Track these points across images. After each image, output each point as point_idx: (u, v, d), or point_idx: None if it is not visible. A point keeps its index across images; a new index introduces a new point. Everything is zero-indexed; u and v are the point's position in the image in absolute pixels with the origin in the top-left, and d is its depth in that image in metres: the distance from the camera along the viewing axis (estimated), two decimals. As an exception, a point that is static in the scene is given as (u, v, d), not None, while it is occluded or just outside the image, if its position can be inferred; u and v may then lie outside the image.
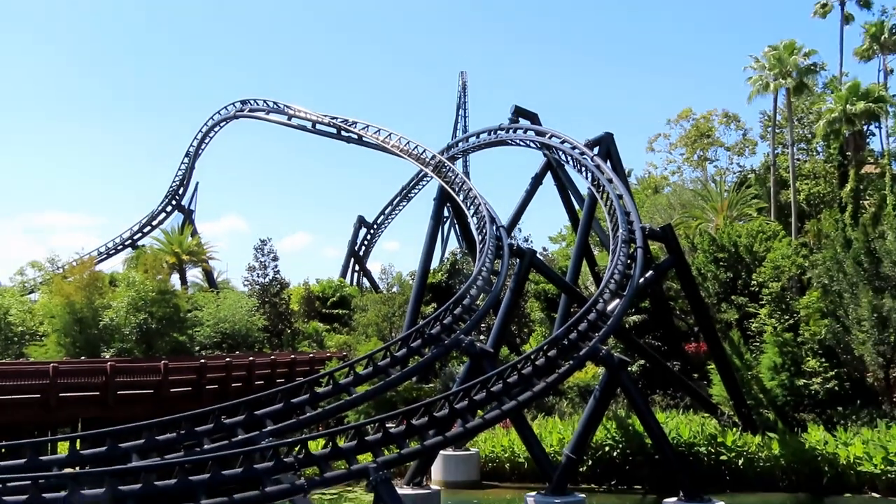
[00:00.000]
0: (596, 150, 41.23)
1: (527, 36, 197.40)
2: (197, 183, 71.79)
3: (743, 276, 43.29)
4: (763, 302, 41.01)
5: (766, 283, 41.22)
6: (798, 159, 61.17)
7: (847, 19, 58.39)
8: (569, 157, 42.02)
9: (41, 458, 23.08)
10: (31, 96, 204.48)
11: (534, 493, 29.56)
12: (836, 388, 36.98)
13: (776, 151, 61.42)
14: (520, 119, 47.36)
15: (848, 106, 49.98)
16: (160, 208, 71.21)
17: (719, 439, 34.82)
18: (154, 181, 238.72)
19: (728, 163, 75.49)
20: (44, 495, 19.41)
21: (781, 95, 56.55)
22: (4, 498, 19.57)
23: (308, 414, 27.08)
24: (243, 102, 65.07)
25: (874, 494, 32.77)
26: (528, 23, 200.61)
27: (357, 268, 79.55)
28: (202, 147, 70.56)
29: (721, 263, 43.99)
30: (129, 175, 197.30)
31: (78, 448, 24.09)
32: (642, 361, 39.69)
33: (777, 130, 61.34)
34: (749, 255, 43.82)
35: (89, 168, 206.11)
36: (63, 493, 19.63)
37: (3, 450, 25.37)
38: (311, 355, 46.49)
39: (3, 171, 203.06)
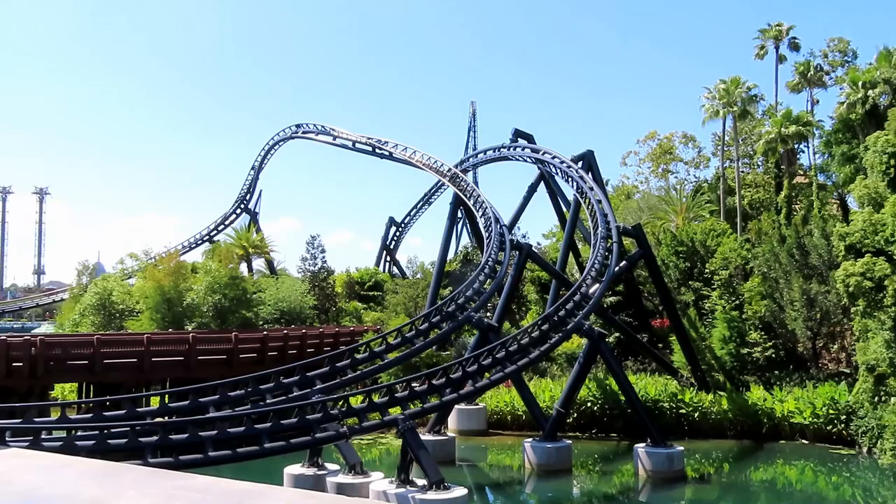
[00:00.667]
0: (580, 164, 41.07)
1: (526, 70, 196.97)
2: (261, 190, 71.77)
3: (698, 266, 43.06)
4: (714, 286, 40.77)
5: (717, 271, 40.99)
6: (742, 171, 60.76)
7: (781, 59, 58.15)
8: (558, 170, 41.87)
9: (137, 409, 23.20)
10: (132, 119, 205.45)
11: (530, 440, 29.54)
12: (773, 355, 36.76)
13: (725, 165, 61.14)
14: (518, 139, 47.20)
15: (782, 129, 49.78)
16: (231, 211, 71.23)
17: (679, 397, 34.69)
18: (226, 189, 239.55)
19: (686, 174, 74.97)
20: (140, 439, 19.51)
21: (729, 120, 56.31)
22: (109, 441, 19.64)
23: (349, 375, 27.12)
24: (297, 126, 65.00)
25: (803, 441, 32.66)
26: (527, 60, 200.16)
27: (388, 258, 79.36)
28: (265, 161, 70.49)
29: (680, 255, 43.75)
30: (207, 184, 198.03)
31: (166, 402, 24.22)
32: (617, 334, 39.51)
33: (725, 148, 61.01)
34: (703, 249, 43.57)
35: (178, 178, 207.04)
36: (155, 438, 19.72)
37: (108, 403, 25.52)
38: (352, 328, 46.48)
39: (112, 181, 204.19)
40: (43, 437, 19.74)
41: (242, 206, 70.94)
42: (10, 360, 30.36)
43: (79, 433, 20.63)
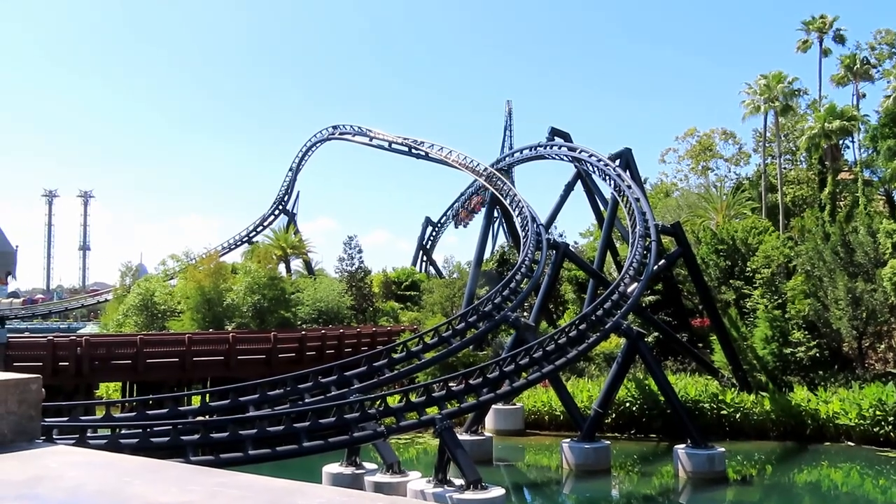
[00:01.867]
0: (617, 162, 40.78)
1: (561, 69, 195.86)
2: (298, 192, 72.28)
3: (739, 264, 42.45)
4: (756, 285, 40.18)
5: (759, 270, 40.39)
6: (784, 168, 59.72)
7: (825, 52, 56.99)
8: (595, 168, 41.62)
9: (179, 408, 23.57)
10: (174, 122, 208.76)
11: (568, 440, 29.40)
12: (817, 355, 36.10)
13: (766, 162, 60.14)
14: (555, 137, 46.98)
15: (826, 124, 48.82)
16: (270, 212, 71.87)
17: (720, 397, 34.23)
18: (265, 191, 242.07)
19: (726, 171, 73.94)
20: (181, 437, 19.82)
21: (770, 116, 55.41)
22: (152, 439, 20.01)
23: (386, 375, 27.24)
24: (334, 127, 65.38)
25: (849, 443, 31.98)
26: (563, 59, 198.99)
27: (425, 258, 79.45)
28: (303, 163, 71.01)
29: (721, 254, 43.17)
30: (247, 186, 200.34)
31: (207, 401, 24.57)
32: (656, 333, 39.12)
33: (767, 144, 60.05)
34: (744, 247, 42.95)
35: (219, 180, 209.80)
36: (196, 436, 20.03)
37: (151, 401, 25.96)
38: (389, 328, 46.68)
39: (155, 184, 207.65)
40: (88, 434, 20.18)
41: (281, 207, 71.55)
42: (56, 359, 31.08)
43: (123, 431, 21.05)
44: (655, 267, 33.00)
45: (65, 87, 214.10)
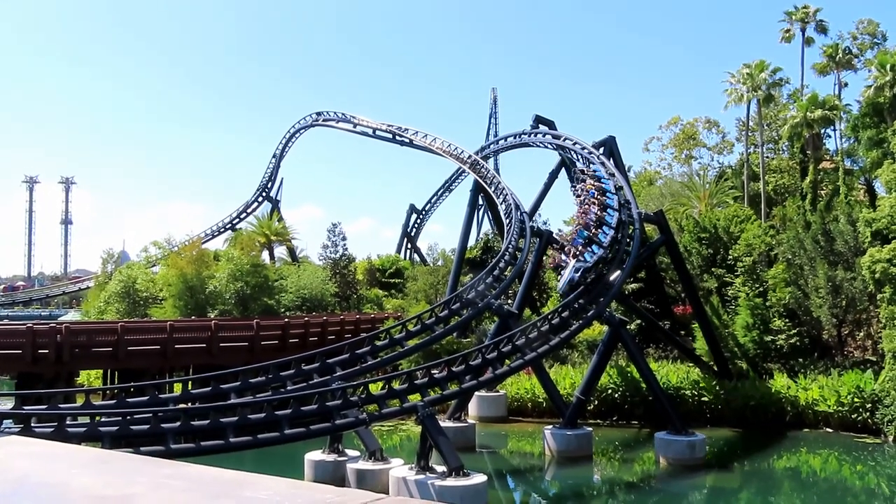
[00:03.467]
0: (601, 149, 40.70)
1: (546, 57, 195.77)
2: (282, 178, 71.95)
3: (721, 252, 42.65)
4: (738, 273, 40.38)
5: (741, 258, 40.59)
6: (767, 157, 59.92)
7: (807, 42, 57.25)
8: (579, 156, 41.52)
9: (160, 395, 23.43)
10: (157, 110, 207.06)
11: (550, 427, 29.51)
12: (798, 343, 36.35)
13: (749, 151, 60.40)
14: (539, 125, 46.81)
15: (808, 113, 49.04)
16: (253, 199, 71.52)
17: (701, 384, 34.42)
18: (249, 177, 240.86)
19: (709, 160, 74.16)
20: (162, 425, 19.71)
21: (753, 105, 55.58)
22: (132, 427, 19.87)
23: (369, 362, 27.22)
24: (318, 113, 65.03)
25: (828, 429, 32.27)
26: (549, 47, 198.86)
27: (409, 245, 79.38)
28: (286, 149, 70.66)
29: (703, 242, 43.35)
30: (230, 172, 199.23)
31: (189, 388, 24.45)
32: (639, 321, 39.26)
33: (749, 133, 60.28)
34: (726, 235, 43.14)
35: (202, 167, 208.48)
36: (177, 424, 19.91)
37: (132, 389, 25.79)
38: (373, 315, 46.63)
39: (137, 171, 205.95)
40: (68, 422, 20.01)
41: (264, 194, 71.23)
42: (36, 346, 30.76)
43: (103, 419, 20.89)
44: (638, 255, 33.06)
45: (46, 73, 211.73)
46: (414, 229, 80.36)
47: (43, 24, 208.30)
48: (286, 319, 39.59)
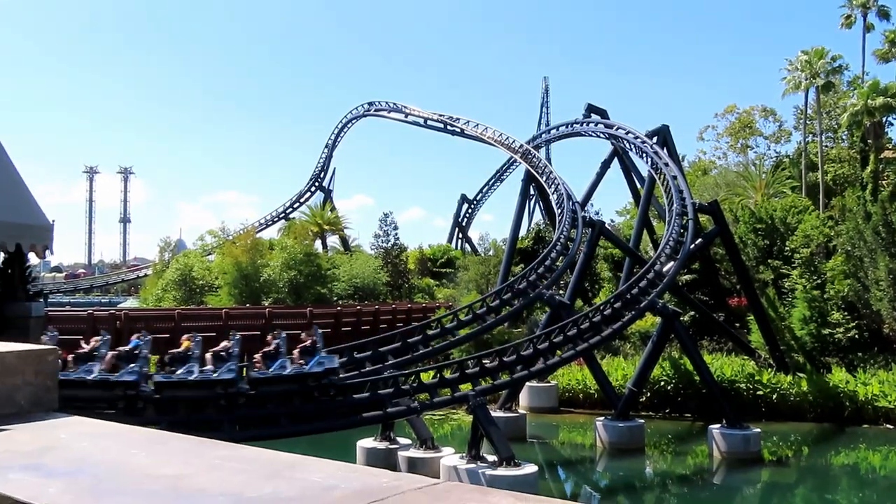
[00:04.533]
0: (655, 139, 40.17)
1: (598, 46, 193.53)
2: (334, 168, 72.46)
3: (778, 244, 41.69)
4: (795, 265, 39.45)
5: (798, 249, 39.64)
6: (825, 146, 58.32)
7: (868, 28, 55.59)
8: (632, 146, 41.08)
9: (216, 381, 23.78)
10: (212, 100, 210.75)
11: (602, 418, 29.27)
12: (857, 336, 35.38)
13: (807, 140, 58.92)
14: (591, 114, 46.37)
15: (869, 101, 47.53)
16: (306, 189, 72.19)
17: (757, 377, 33.76)
18: (301, 167, 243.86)
19: (766, 149, 72.52)
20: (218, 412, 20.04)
21: (812, 92, 54.17)
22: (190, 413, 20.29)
23: (421, 351, 27.29)
24: (370, 104, 65.32)
25: (888, 426, 31.38)
26: (601, 36, 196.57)
27: (460, 235, 79.30)
28: (339, 139, 71.13)
29: (759, 233, 42.42)
30: (282, 163, 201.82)
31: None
32: (692, 313, 38.67)
33: (808, 122, 58.76)
34: (783, 226, 42.15)
35: (257, 157, 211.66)
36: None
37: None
38: (424, 305, 46.78)
39: (195, 161, 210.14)
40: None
41: (317, 183, 71.82)
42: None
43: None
44: (692, 246, 32.53)
45: (104, 64, 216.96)
46: (465, 219, 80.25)
47: (102, 17, 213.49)
48: (339, 308, 39.97)
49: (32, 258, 17.13)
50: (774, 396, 33.15)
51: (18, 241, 15.34)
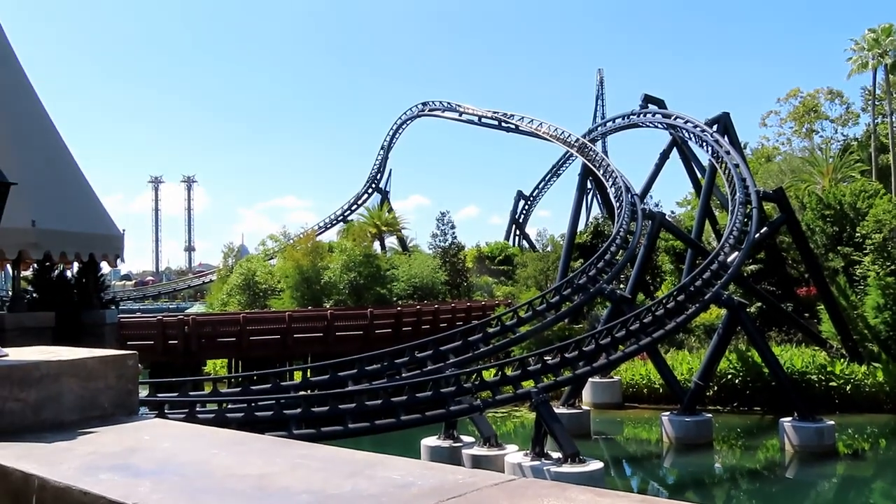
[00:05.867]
0: (715, 127, 39.41)
1: (653, 34, 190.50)
2: (391, 170, 73.04)
3: (847, 230, 40.46)
4: (866, 251, 38.22)
5: (869, 235, 38.39)
6: (896, 127, 56.50)
7: (942, 1, 53.54)
8: (691, 135, 40.42)
9: (282, 383, 24.31)
10: (269, 107, 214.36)
11: (668, 413, 28.86)
12: (935, 323, 34.13)
13: (876, 121, 57.09)
14: (648, 105, 45.75)
15: (942, 78, 45.88)
16: (363, 191, 72.91)
17: (829, 368, 32.83)
18: (358, 170, 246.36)
19: (832, 133, 70.54)
20: (284, 412, 20.44)
21: (880, 72, 52.41)
22: (256, 413, 20.72)
23: (482, 349, 27.35)
24: (424, 104, 65.64)
25: (972, 416, 30.22)
26: (656, 23, 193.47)
27: (517, 232, 79.02)
28: (394, 141, 71.67)
29: (828, 219, 41.25)
30: (339, 166, 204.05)
31: (308, 376, 25.26)
32: (759, 304, 37.82)
33: (877, 103, 56.91)
34: (853, 212, 40.89)
35: (314, 161, 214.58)
36: (298, 410, 20.61)
37: (255, 377, 26.86)
38: (483, 303, 46.75)
39: (253, 167, 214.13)
40: (197, 409, 21.07)
41: (374, 185, 72.48)
42: (166, 337, 32.58)
43: (229, 406, 21.88)
44: (757, 235, 31.87)
45: (162, 76, 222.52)
46: (522, 215, 79.96)
47: (160, 30, 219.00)
48: (398, 308, 40.25)
49: (105, 267, 17.70)
50: (848, 388, 32.20)
51: (92, 251, 15.89)
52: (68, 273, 18.21)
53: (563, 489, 1.78)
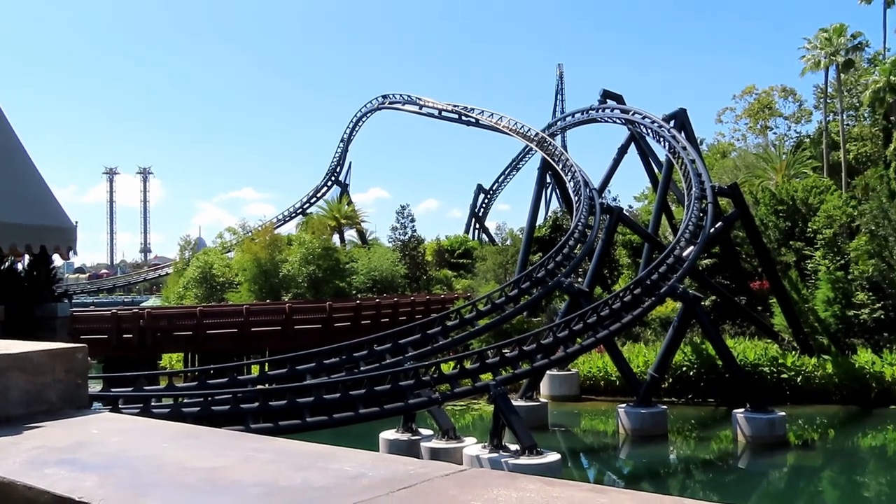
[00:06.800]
0: (672, 123, 39.92)
1: (612, 30, 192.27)
2: (350, 162, 72.56)
3: (800, 225, 41.36)
4: (817, 246, 39.13)
5: (820, 230, 39.30)
6: (847, 125, 57.74)
7: (889, 3, 54.76)
8: (649, 130, 40.86)
9: (239, 377, 24.07)
10: (226, 98, 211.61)
11: (624, 405, 29.24)
12: (882, 317, 35.07)
13: (828, 119, 58.32)
14: (607, 100, 46.15)
15: (891, 77, 46.92)
16: (322, 183, 72.37)
17: (780, 361, 33.56)
18: (317, 162, 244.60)
19: (786, 129, 71.94)
20: (241, 406, 20.26)
21: (832, 71, 53.58)
22: (213, 408, 20.49)
23: (440, 342, 27.36)
24: (384, 97, 65.32)
25: (916, 406, 31.14)
26: (615, 20, 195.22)
27: (477, 225, 79.24)
28: (354, 133, 71.25)
29: (780, 214, 42.10)
30: (298, 159, 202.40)
31: (266, 370, 25.05)
32: (713, 297, 38.48)
33: (828, 101, 58.16)
34: (805, 207, 41.79)
35: (272, 154, 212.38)
36: (255, 404, 20.43)
37: (212, 371, 26.56)
38: (442, 296, 46.83)
39: (209, 160, 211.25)
40: (152, 404, 20.75)
41: (333, 178, 71.99)
42: (121, 331, 32.05)
43: (185, 400, 21.59)
44: (712, 230, 32.38)
45: (119, 67, 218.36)
46: (482, 209, 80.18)
47: (118, 20, 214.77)
48: (358, 301, 40.12)
49: (57, 260, 17.33)
50: (799, 379, 32.96)
51: (43, 243, 15.53)
52: (19, 266, 17.79)
53: (513, 479, 1.80)
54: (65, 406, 3.12)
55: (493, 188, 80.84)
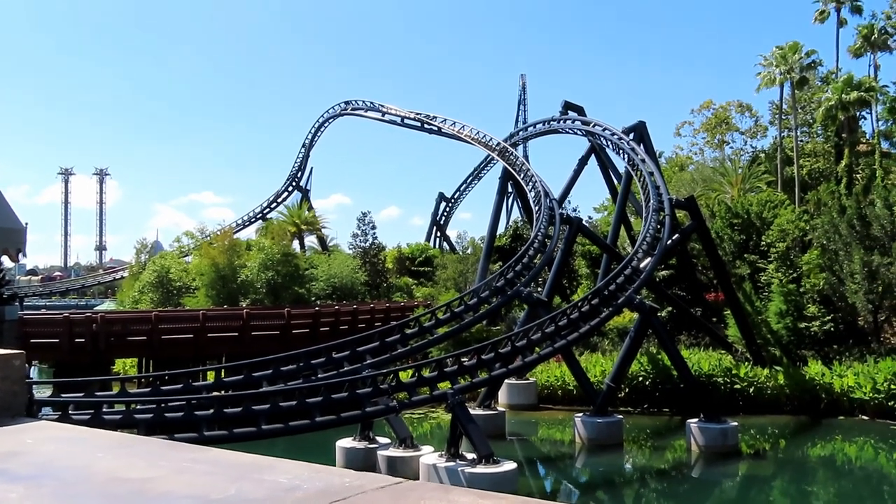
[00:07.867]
0: (631, 135, 40.37)
1: (575, 43, 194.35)
2: (311, 168, 72.18)
3: (754, 238, 42.11)
4: (771, 259, 39.87)
5: (774, 244, 40.07)
6: (801, 141, 59.10)
7: (841, 23, 56.32)
8: (609, 142, 41.26)
9: (194, 383, 23.71)
10: (186, 100, 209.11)
11: (581, 414, 29.40)
12: (832, 329, 35.85)
13: (782, 134, 59.60)
14: (568, 111, 46.56)
15: (843, 95, 48.25)
16: (283, 188, 71.85)
17: (734, 371, 34.07)
18: (278, 167, 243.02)
19: (742, 144, 73.35)
20: (195, 412, 19.96)
21: (787, 88, 54.79)
22: (166, 415, 20.15)
23: (399, 350, 27.28)
24: (346, 103, 65.15)
25: (863, 417, 31.82)
26: (578, 33, 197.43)
27: (438, 234, 79.25)
28: (315, 139, 70.87)
29: (735, 227, 42.83)
30: (259, 163, 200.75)
31: (222, 376, 24.73)
32: (670, 308, 38.95)
33: (783, 117, 59.42)
34: (759, 221, 42.58)
35: (232, 157, 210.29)
36: (210, 411, 20.15)
37: (166, 377, 26.13)
38: (402, 304, 46.70)
39: (169, 162, 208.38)
40: (104, 410, 20.35)
41: (294, 183, 71.52)
42: (73, 335, 31.32)
43: (138, 407, 21.20)
44: (669, 241, 32.76)
45: (77, 67, 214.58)
46: (443, 217, 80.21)
47: (76, 18, 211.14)
48: (317, 308, 39.82)
49: (6, 262, 16.95)
50: (751, 390, 33.49)
51: (-10, 244, 15.18)
52: (-34, 267, 17.37)
53: (447, 491, 1.79)
54: (1, 414, 3.04)
55: (455, 197, 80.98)
